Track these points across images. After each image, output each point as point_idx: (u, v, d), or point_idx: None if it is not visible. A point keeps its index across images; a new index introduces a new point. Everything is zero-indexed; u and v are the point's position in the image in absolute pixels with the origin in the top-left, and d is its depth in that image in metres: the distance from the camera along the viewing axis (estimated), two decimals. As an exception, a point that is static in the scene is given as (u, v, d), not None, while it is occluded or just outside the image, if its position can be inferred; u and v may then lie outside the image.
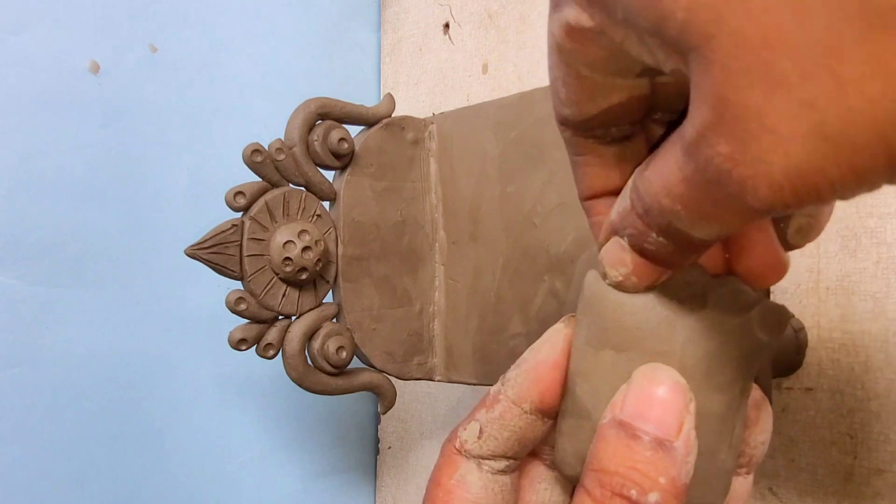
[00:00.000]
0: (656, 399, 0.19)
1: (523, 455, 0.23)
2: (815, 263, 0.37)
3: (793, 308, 0.38)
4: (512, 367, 0.23)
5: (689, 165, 0.15)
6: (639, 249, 0.18)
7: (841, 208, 0.37)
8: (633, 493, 0.18)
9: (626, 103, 0.19)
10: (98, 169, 0.46)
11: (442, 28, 0.57)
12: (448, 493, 0.22)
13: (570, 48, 0.18)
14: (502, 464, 0.22)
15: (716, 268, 0.20)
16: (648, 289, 0.19)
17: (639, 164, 0.19)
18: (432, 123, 0.43)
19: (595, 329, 0.21)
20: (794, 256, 0.38)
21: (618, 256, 0.19)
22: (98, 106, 0.46)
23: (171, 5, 0.50)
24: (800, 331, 0.37)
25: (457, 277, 0.42)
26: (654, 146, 0.20)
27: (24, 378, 0.43)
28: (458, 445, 0.22)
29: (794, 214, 0.19)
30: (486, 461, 0.22)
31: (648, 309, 0.20)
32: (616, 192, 0.20)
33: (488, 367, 0.40)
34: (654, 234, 0.17)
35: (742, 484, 0.22)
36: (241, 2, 0.54)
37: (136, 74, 0.48)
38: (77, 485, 0.44)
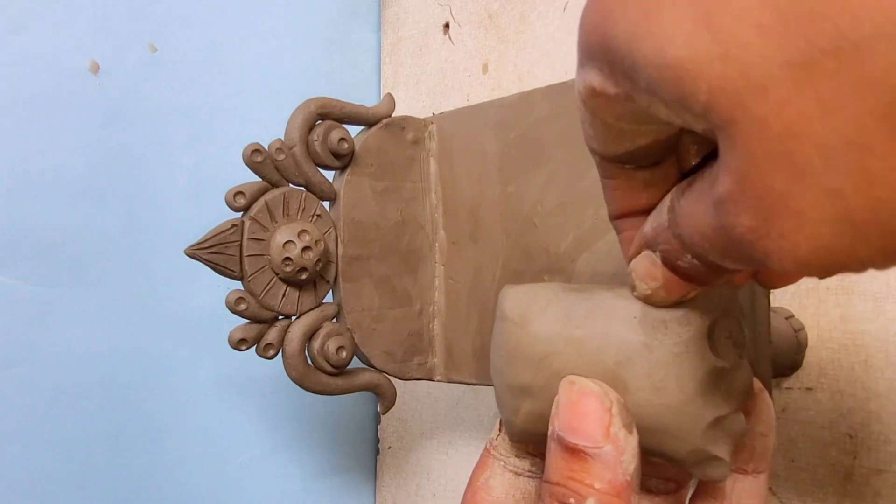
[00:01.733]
0: (577, 412, 0.20)
1: (545, 451, 0.23)
2: (815, 263, 0.37)
3: (793, 308, 0.38)
4: None
5: (716, 221, 0.16)
6: (671, 266, 0.19)
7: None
8: (572, 501, 0.19)
9: (654, 144, 0.19)
10: (98, 169, 0.46)
11: (442, 28, 0.57)
12: (474, 494, 0.23)
13: (594, 104, 0.18)
14: (527, 462, 0.23)
15: (741, 280, 0.20)
16: (676, 304, 0.20)
17: (669, 185, 0.19)
18: (432, 123, 0.43)
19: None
20: (794, 256, 0.38)
21: (649, 271, 0.19)
22: (98, 106, 0.46)
23: (171, 5, 0.50)
24: (800, 331, 0.37)
25: (457, 277, 0.42)
26: (687, 172, 0.20)
27: (24, 378, 0.43)
28: (488, 445, 0.24)
29: None
30: (511, 458, 0.23)
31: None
32: (645, 212, 0.20)
33: (488, 367, 0.40)
34: (688, 256, 0.18)
35: (753, 483, 0.22)
36: (241, 2, 0.54)
37: (136, 74, 0.48)
38: (77, 485, 0.44)
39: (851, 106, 0.13)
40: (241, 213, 0.36)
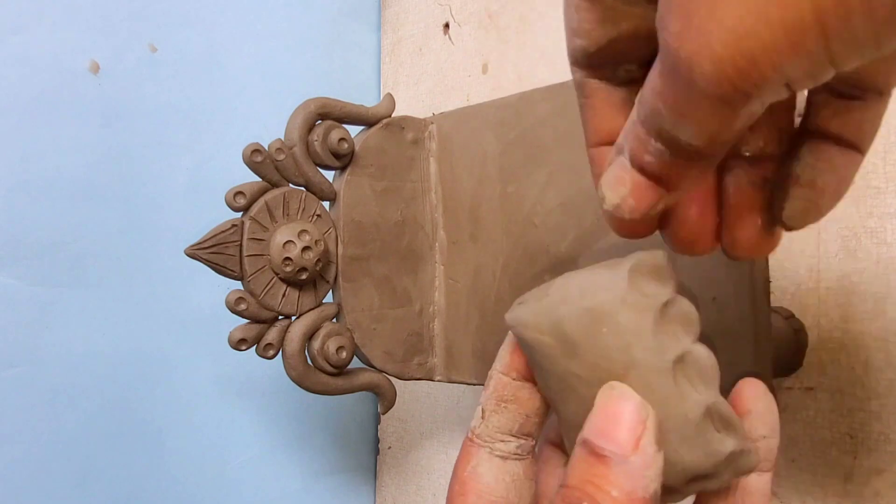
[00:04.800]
0: (613, 417, 0.19)
1: (529, 431, 0.23)
2: (815, 263, 0.37)
3: (793, 308, 0.38)
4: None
5: (659, 61, 0.16)
6: (639, 165, 0.18)
7: (841, 208, 0.37)
8: None
9: (636, 33, 0.19)
10: (98, 169, 0.46)
11: (442, 28, 0.57)
12: (463, 485, 0.23)
13: None
14: (511, 445, 0.23)
15: (705, 235, 0.20)
16: (644, 215, 0.19)
17: None
18: (432, 123, 0.43)
19: (538, 368, 0.22)
20: (794, 256, 0.38)
21: (617, 176, 0.19)
22: (98, 106, 0.46)
23: (171, 5, 0.50)
24: (800, 331, 0.37)
25: (457, 277, 0.42)
26: None
27: (24, 378, 0.43)
28: (469, 434, 0.23)
29: (790, 195, 0.19)
30: (496, 444, 0.23)
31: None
32: None
33: (488, 366, 0.40)
34: (652, 141, 0.17)
35: (757, 482, 0.22)
36: (241, 2, 0.54)
37: (136, 74, 0.48)
38: (77, 485, 0.44)
39: None
40: (241, 213, 0.36)
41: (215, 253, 0.35)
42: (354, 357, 0.39)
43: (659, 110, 0.16)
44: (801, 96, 0.19)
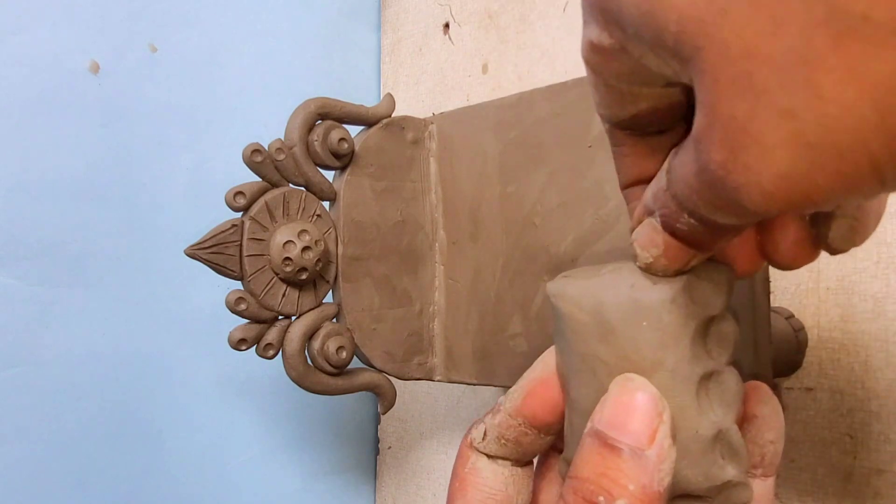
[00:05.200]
0: (628, 409, 0.19)
1: (528, 459, 0.24)
2: (815, 263, 0.37)
3: (793, 308, 0.38)
4: (518, 380, 0.24)
5: (696, 165, 0.16)
6: (671, 230, 0.18)
7: (841, 208, 0.37)
8: (601, 499, 0.18)
9: (656, 110, 0.19)
10: (98, 169, 0.46)
11: (442, 28, 0.57)
12: (462, 481, 0.23)
13: (595, 62, 0.18)
14: (508, 463, 0.23)
15: (751, 256, 0.20)
16: (677, 273, 0.19)
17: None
18: (432, 123, 0.43)
19: (563, 340, 0.21)
20: (794, 256, 0.38)
21: (650, 237, 0.19)
22: (98, 106, 0.46)
23: (171, 5, 0.50)
24: (800, 331, 0.37)
25: (457, 277, 0.42)
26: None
27: (24, 378, 0.42)
28: (469, 442, 0.24)
29: (835, 216, 0.19)
30: (495, 450, 0.23)
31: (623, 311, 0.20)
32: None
33: (488, 366, 0.40)
34: (685, 216, 0.17)
35: (761, 486, 0.22)
36: (241, 2, 0.54)
37: (136, 74, 0.48)
38: (77, 485, 0.44)
39: (798, 18, 0.12)
40: (241, 213, 0.36)
41: (215, 253, 0.35)
42: (354, 357, 0.39)
43: (694, 201, 0.17)
44: None
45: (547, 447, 0.24)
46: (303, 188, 0.38)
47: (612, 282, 0.21)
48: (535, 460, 0.25)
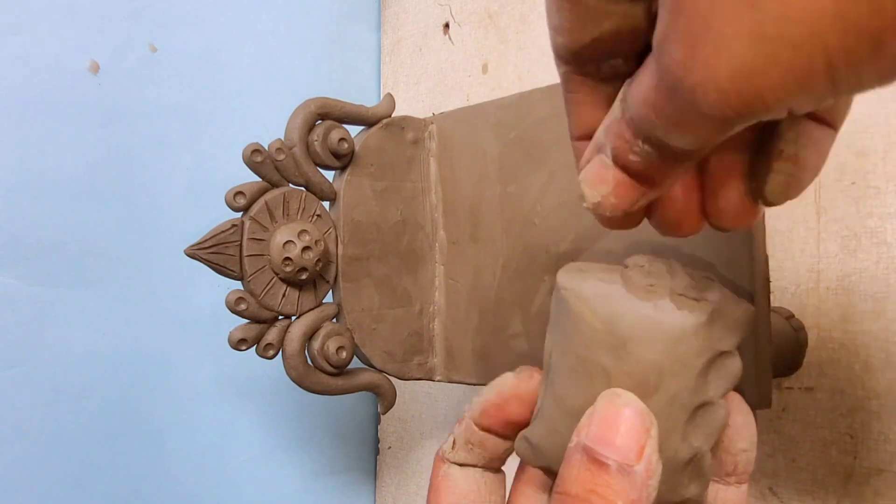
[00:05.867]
0: (617, 425, 0.19)
1: (496, 467, 0.25)
2: (815, 263, 0.37)
3: (793, 308, 0.38)
4: (480, 391, 0.25)
5: (656, 73, 0.16)
6: (622, 164, 0.18)
7: (841, 208, 0.37)
8: None
9: (618, 32, 0.19)
10: (98, 169, 0.46)
11: (442, 28, 0.57)
12: (436, 489, 0.24)
13: None
14: (479, 470, 0.24)
15: (692, 215, 0.20)
16: (624, 213, 0.19)
17: None
18: (432, 123, 0.43)
19: (563, 334, 0.21)
20: (794, 256, 0.38)
21: (599, 175, 0.19)
22: (98, 106, 0.46)
23: (171, 5, 0.50)
24: (800, 331, 0.37)
25: (457, 277, 0.42)
26: None
27: (24, 378, 0.43)
28: (441, 454, 0.25)
29: (772, 169, 0.19)
30: (466, 459, 0.24)
31: (611, 315, 0.20)
32: None
33: (488, 366, 0.40)
34: (639, 143, 0.17)
35: (735, 493, 0.22)
36: (241, 2, 0.54)
37: (136, 74, 0.48)
38: (77, 485, 0.44)
39: None
40: (241, 213, 0.36)
41: (215, 253, 0.35)
42: (354, 357, 0.39)
43: (651, 119, 0.16)
44: None
45: (512, 449, 0.24)
46: (303, 188, 0.38)
47: (634, 294, 0.20)
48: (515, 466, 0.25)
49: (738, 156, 0.19)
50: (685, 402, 0.20)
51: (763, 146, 0.19)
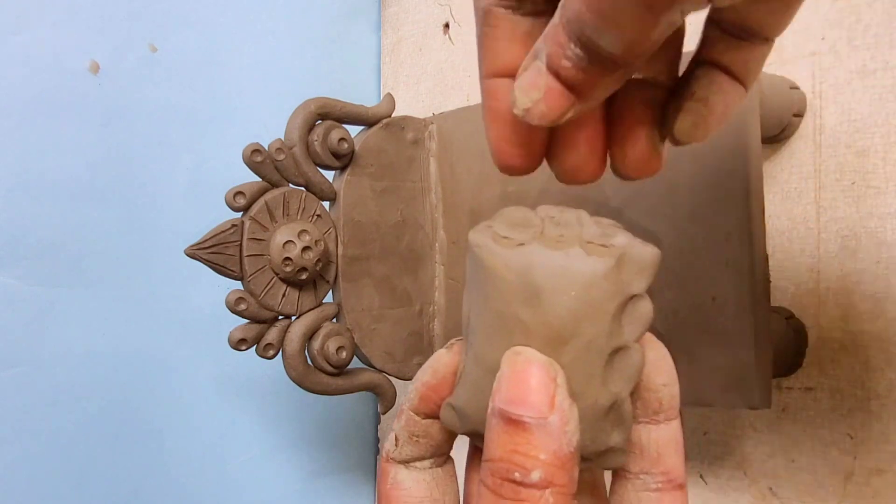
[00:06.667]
0: (524, 382, 0.19)
1: (443, 452, 0.24)
2: (815, 263, 0.37)
3: (793, 308, 0.38)
4: (414, 378, 0.24)
5: None
6: (555, 69, 0.18)
7: (841, 208, 0.37)
8: (517, 475, 0.19)
9: None
10: (98, 169, 0.46)
11: (442, 28, 0.57)
12: (387, 498, 0.23)
13: None
14: (427, 463, 0.24)
15: (593, 161, 0.21)
16: (552, 123, 0.19)
17: None
18: (432, 123, 0.43)
19: (479, 293, 0.22)
20: (794, 256, 0.38)
21: (533, 80, 0.19)
22: (98, 106, 0.46)
23: (171, 5, 0.50)
24: (800, 331, 0.37)
25: (457, 277, 0.42)
26: None
27: (24, 378, 0.43)
28: (385, 456, 0.24)
29: (682, 108, 0.20)
30: (411, 464, 0.24)
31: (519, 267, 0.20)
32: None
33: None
34: (572, 46, 0.18)
35: (666, 431, 0.22)
36: (241, 2, 0.54)
37: (136, 74, 0.48)
38: (77, 485, 0.44)
39: None
40: (241, 213, 0.36)
41: (215, 253, 0.35)
42: (354, 357, 0.39)
43: (582, 14, 0.17)
44: (697, 35, 0.21)
45: (455, 436, 0.24)
46: (303, 188, 0.38)
47: (545, 244, 0.21)
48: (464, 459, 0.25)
49: (648, 108, 0.21)
50: (601, 346, 0.20)
51: (677, 90, 0.21)
